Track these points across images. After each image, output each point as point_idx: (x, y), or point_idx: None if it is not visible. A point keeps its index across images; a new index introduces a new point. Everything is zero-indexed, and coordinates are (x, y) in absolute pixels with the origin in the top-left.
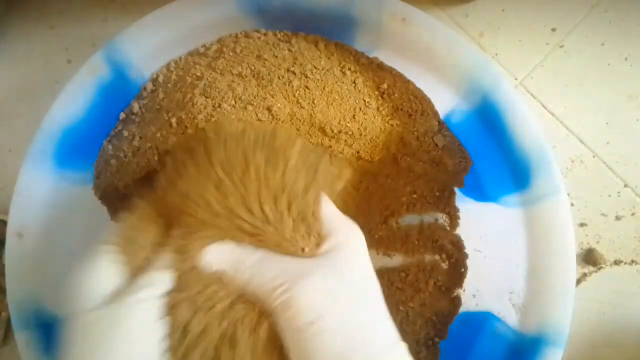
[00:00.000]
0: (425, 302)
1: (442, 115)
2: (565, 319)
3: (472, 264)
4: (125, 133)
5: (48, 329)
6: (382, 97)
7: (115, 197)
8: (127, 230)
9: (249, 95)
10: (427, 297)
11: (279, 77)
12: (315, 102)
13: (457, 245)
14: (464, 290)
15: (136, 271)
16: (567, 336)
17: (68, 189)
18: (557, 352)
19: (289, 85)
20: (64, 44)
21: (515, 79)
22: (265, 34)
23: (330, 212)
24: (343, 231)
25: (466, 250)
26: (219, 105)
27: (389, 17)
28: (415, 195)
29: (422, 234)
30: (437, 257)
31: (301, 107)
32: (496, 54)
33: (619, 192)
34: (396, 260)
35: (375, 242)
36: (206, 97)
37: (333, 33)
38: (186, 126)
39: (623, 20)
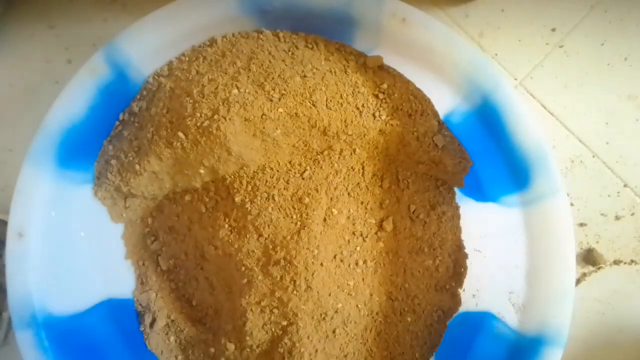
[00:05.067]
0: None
1: (441, 116)
2: (565, 319)
3: (471, 264)
4: (126, 133)
5: (48, 329)
6: (382, 98)
7: (116, 198)
8: None
9: (249, 96)
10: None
11: (279, 78)
12: (315, 102)
13: (457, 245)
14: (463, 290)
15: None
16: (567, 336)
17: (68, 189)
18: (556, 352)
19: (289, 85)
20: (64, 44)
21: (515, 79)
22: (265, 34)
23: None
24: None
25: (466, 250)
26: (219, 106)
27: (388, 17)
28: (415, 196)
29: None
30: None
31: (302, 107)
32: (496, 54)
33: (618, 192)
34: None
35: None
36: (206, 98)
37: (333, 33)
38: (185, 127)
39: (623, 20)
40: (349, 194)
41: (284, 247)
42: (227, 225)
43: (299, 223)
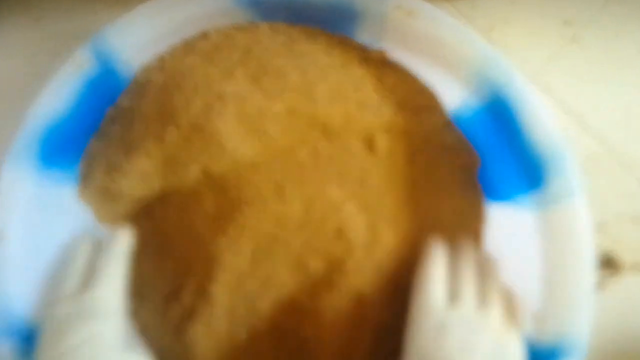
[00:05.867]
0: None
1: (449, 111)
2: (584, 327)
3: None
4: (113, 130)
5: (29, 335)
6: (386, 92)
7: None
8: None
9: (245, 91)
10: None
11: (276, 72)
12: (314, 98)
13: None
14: None
15: None
16: (586, 346)
17: (52, 189)
18: None
19: (286, 80)
20: (50, 36)
21: (528, 73)
22: (260, 27)
23: None
24: None
25: None
26: (212, 101)
27: (393, 9)
28: None
29: None
30: None
31: (300, 103)
32: (507, 48)
33: (638, 192)
34: None
35: None
36: (199, 92)
37: (334, 25)
38: (177, 123)
39: (639, 12)
40: None
41: None
42: None
43: None
